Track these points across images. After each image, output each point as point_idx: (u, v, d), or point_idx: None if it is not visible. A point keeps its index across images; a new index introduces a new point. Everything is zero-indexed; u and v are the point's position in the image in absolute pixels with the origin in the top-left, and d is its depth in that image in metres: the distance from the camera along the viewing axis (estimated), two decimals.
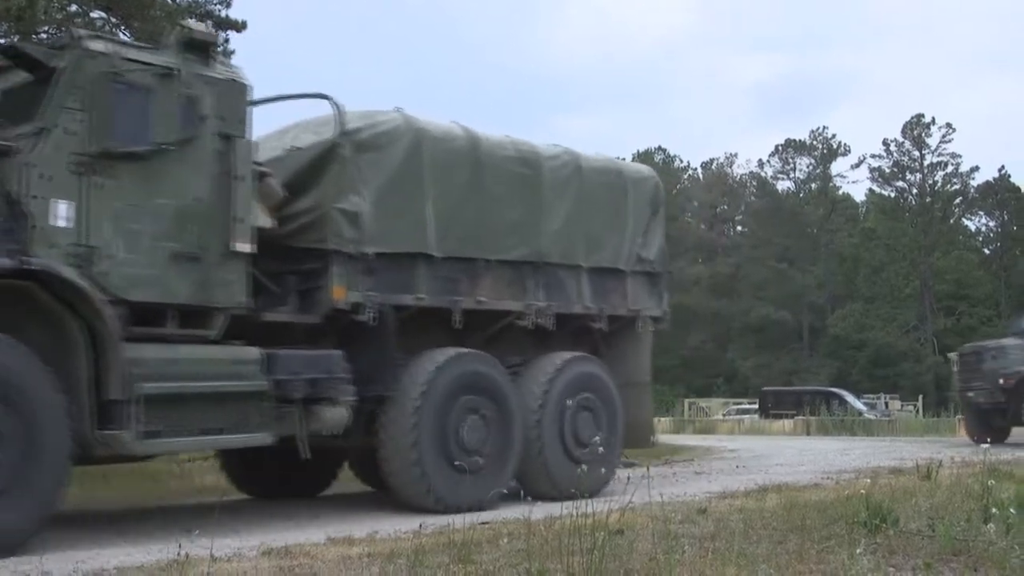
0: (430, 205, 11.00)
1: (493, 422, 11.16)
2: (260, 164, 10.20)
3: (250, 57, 45.79)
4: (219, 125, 9.48)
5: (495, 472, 11.08)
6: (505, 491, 10.87)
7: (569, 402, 11.74)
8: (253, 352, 9.53)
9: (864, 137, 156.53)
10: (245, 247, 9.54)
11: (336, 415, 10.02)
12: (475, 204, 11.49)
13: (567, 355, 12.17)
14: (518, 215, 11.92)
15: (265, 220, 9.99)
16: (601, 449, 11.31)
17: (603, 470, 11.52)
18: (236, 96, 9.81)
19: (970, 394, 24.55)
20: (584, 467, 10.99)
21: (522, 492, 10.00)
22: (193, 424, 9.00)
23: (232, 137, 9.57)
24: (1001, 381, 23.58)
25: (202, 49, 9.70)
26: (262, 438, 9.49)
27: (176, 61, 9.29)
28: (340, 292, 10.25)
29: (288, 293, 10.35)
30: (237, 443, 9.77)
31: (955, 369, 25.94)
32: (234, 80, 9.88)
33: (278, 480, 12.16)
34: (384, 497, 11.51)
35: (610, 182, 13.18)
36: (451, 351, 11.03)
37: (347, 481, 13.21)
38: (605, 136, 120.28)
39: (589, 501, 5.60)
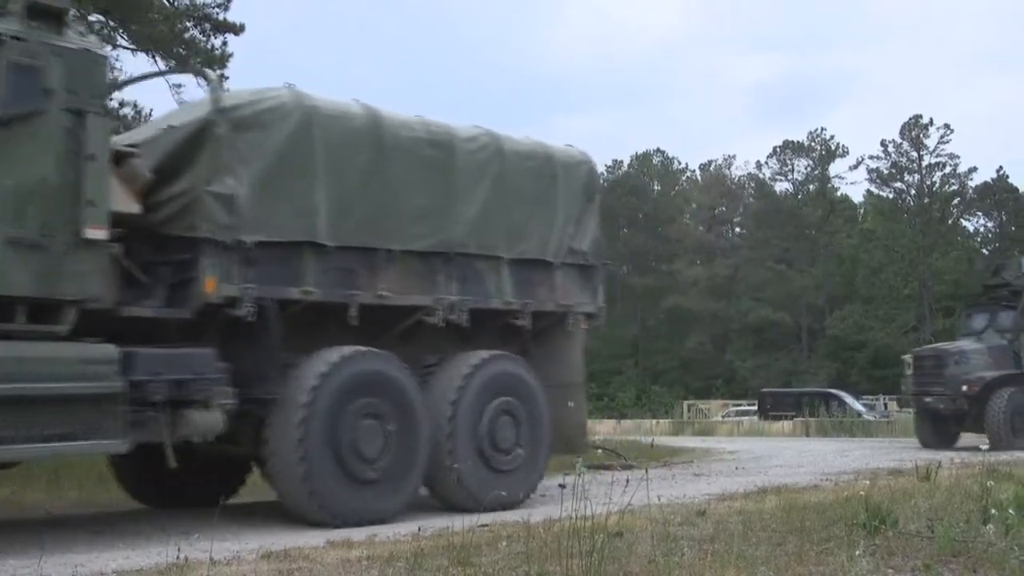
0: (322, 190, 10.08)
1: (395, 428, 10.15)
2: (133, 145, 9.66)
3: (249, 59, 45.80)
4: (69, 100, 8.57)
5: (398, 483, 10.20)
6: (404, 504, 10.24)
7: (487, 406, 10.99)
8: (108, 350, 8.61)
9: (862, 138, 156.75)
10: (98, 234, 8.65)
11: (208, 420, 9.10)
12: (376, 189, 10.53)
13: (485, 354, 11.23)
14: (427, 201, 10.94)
15: (130, 205, 9.21)
16: (523, 456, 11.12)
17: (527, 479, 11.26)
18: (91, 69, 8.89)
19: (928, 399, 23.89)
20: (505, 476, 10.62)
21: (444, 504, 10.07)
22: (35, 430, 8.15)
23: (84, 113, 8.64)
24: (965, 388, 23.02)
25: (52, 16, 8.77)
26: (117, 445, 8.65)
27: (17, 28, 8.43)
28: (212, 284, 9.28)
29: (159, 286, 9.43)
30: (87, 451, 9.05)
31: (908, 372, 25.11)
32: (88, 51, 8.98)
33: (175, 488, 11.02)
34: None
35: (537, 167, 12.18)
36: (346, 350, 10.02)
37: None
38: (604, 137, 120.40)
39: (590, 503, 5.58)
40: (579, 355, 13.06)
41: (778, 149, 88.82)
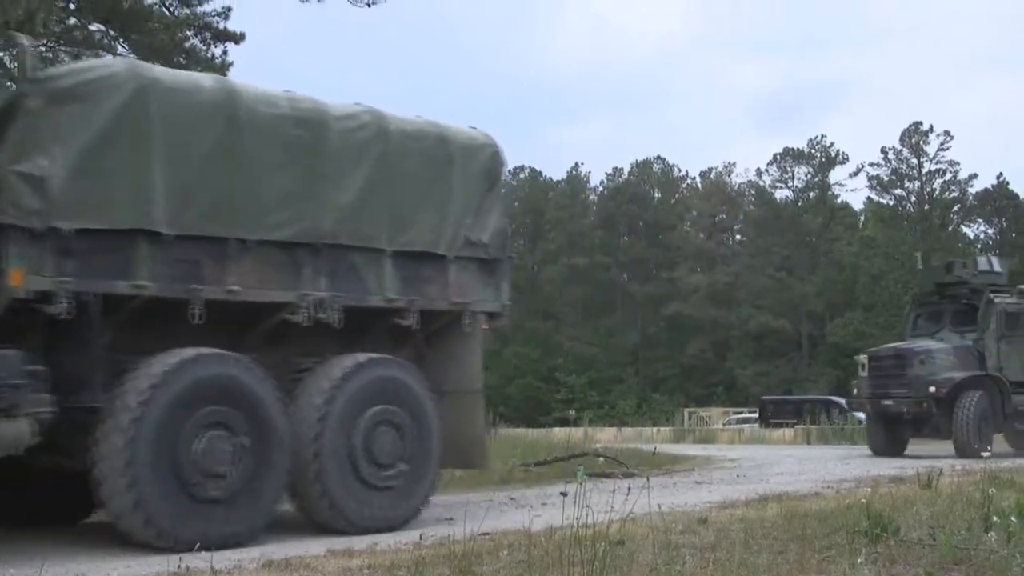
0: (159, 171, 8.91)
1: (248, 440, 8.95)
2: None
3: (249, 67, 45.92)
4: None
5: (251, 502, 8.98)
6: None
7: (363, 415, 9.82)
8: None
9: (862, 145, 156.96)
10: None
11: (12, 430, 8.05)
12: (228, 171, 9.32)
13: (361, 357, 10.05)
14: (290, 186, 9.76)
15: None
16: (407, 472, 10.10)
17: (412, 497, 10.20)
18: None
19: (887, 402, 22.74)
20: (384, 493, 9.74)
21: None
22: None
23: None
24: (932, 389, 21.95)
25: None
26: None
27: None
28: (18, 277, 8.18)
29: None
30: None
31: (862, 374, 23.87)
32: None
33: (19, 507, 10.06)
34: None
35: (428, 149, 10.86)
36: (188, 352, 8.82)
37: None
38: (604, 144, 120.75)
39: (591, 511, 5.58)
40: (478, 359, 11.71)
41: (778, 156, 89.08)
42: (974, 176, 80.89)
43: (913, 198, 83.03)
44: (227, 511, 8.74)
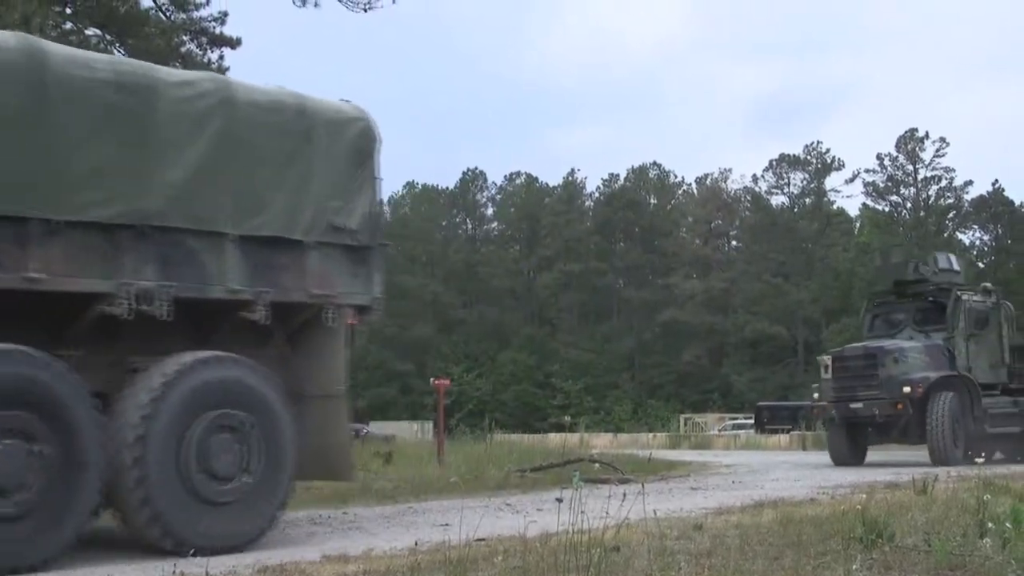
0: None
1: (49, 449, 7.81)
2: None
3: (246, 72, 45.88)
4: None
5: (52, 519, 7.80)
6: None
7: (196, 421, 8.59)
8: None
9: (858, 151, 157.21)
10: None
11: None
12: (31, 142, 8.21)
13: (202, 355, 8.86)
14: (109, 159, 8.58)
15: None
16: (251, 484, 8.82)
17: (259, 513, 8.93)
18: None
19: (856, 405, 21.58)
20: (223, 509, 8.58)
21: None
22: None
23: None
24: (907, 389, 20.89)
25: None
26: None
27: None
28: None
29: None
30: None
31: (825, 376, 22.57)
32: None
33: None
34: (379, 514, 11.48)
35: (284, 122, 9.62)
36: None
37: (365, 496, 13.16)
38: (600, 149, 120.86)
39: (586, 517, 5.57)
40: (342, 358, 10.34)
41: (774, 162, 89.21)
42: (970, 183, 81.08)
43: (909, 204, 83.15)
44: (18, 529, 7.62)
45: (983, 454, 21.61)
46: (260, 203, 9.35)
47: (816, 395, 23.34)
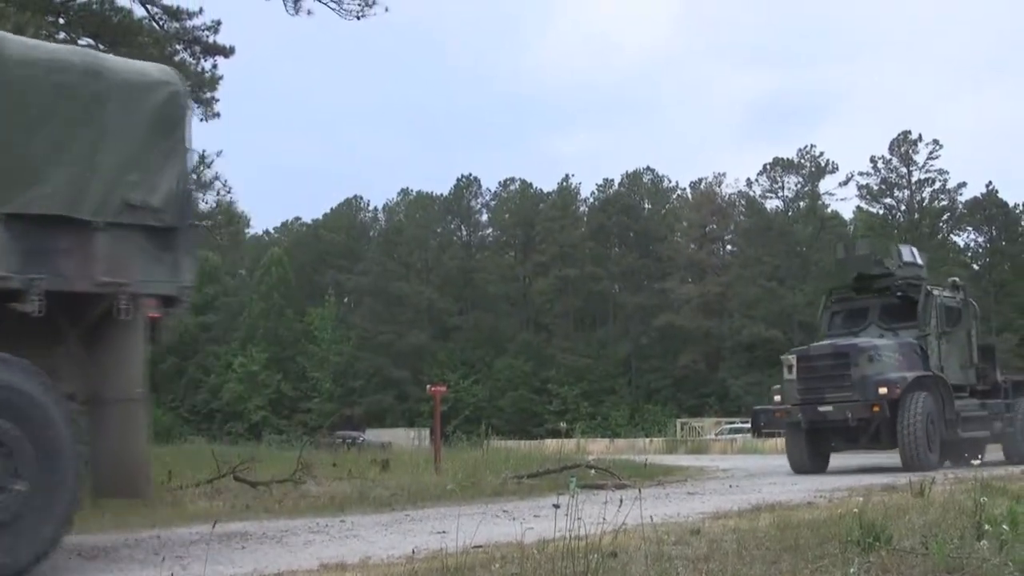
0: None
1: None
2: None
3: (239, 80, 45.94)
4: None
5: None
6: None
7: None
8: None
9: (852, 155, 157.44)
10: None
11: None
12: None
13: None
14: None
15: None
16: (18, 503, 7.25)
17: (30, 535, 7.36)
18: None
19: (824, 408, 20.01)
20: None
21: None
22: None
23: None
24: (884, 391, 19.39)
25: None
26: None
27: None
28: None
29: None
30: None
31: (789, 376, 20.89)
32: None
33: None
34: (377, 522, 11.47)
35: (68, 83, 8.21)
36: None
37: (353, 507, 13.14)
38: (595, 155, 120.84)
39: (583, 523, 5.57)
40: (139, 357, 8.81)
41: (768, 166, 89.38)
42: (963, 185, 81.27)
43: (903, 207, 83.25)
44: None
45: (974, 456, 21.21)
46: (34, 176, 7.94)
47: (777, 397, 21.58)
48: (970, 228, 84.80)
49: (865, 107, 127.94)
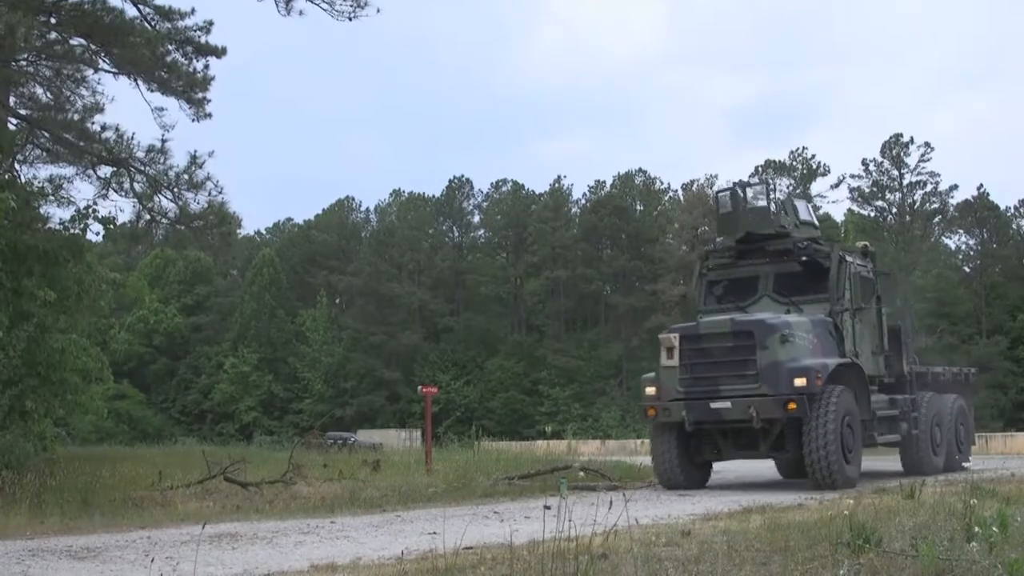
0: None
1: None
2: None
3: (231, 81, 45.90)
4: None
5: None
6: None
7: None
8: None
9: (843, 157, 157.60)
10: None
11: None
12: None
13: None
14: None
15: None
16: None
17: None
18: None
19: (720, 404, 15.63)
20: None
21: None
22: None
23: None
24: (801, 382, 15.08)
25: None
26: None
27: None
28: None
29: None
30: None
31: (669, 362, 16.18)
32: None
33: None
34: (367, 523, 11.46)
35: None
36: None
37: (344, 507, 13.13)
38: (586, 157, 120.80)
39: (573, 524, 5.57)
40: None
41: (760, 168, 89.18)
42: (955, 187, 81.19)
43: (894, 209, 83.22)
44: None
45: (970, 459, 20.09)
46: None
47: (650, 389, 16.70)
48: (961, 231, 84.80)
49: (857, 110, 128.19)
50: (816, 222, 18.97)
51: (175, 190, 24.20)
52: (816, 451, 15.09)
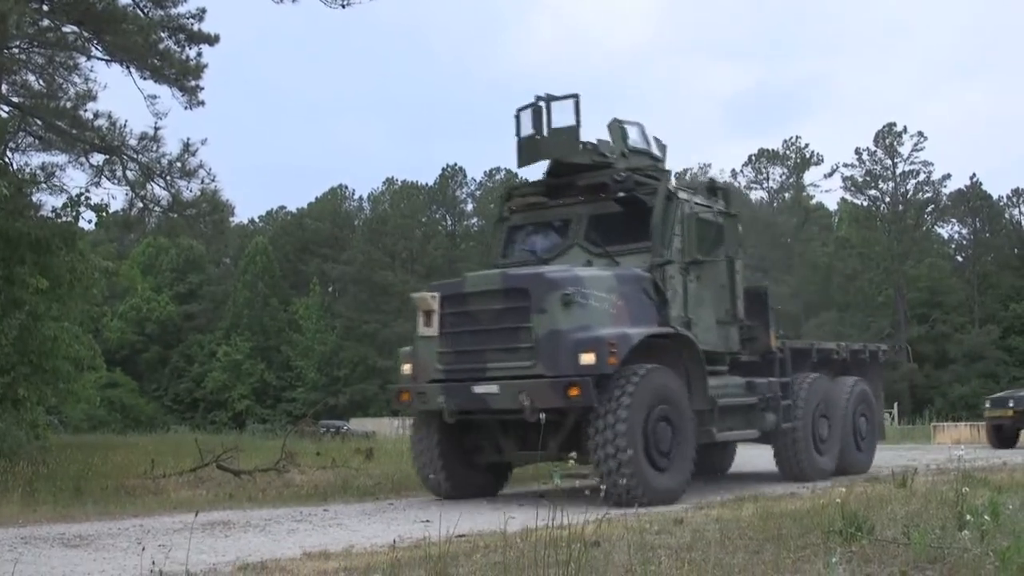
0: None
1: None
2: None
3: (224, 68, 45.85)
4: None
5: None
6: None
7: None
8: None
9: (836, 146, 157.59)
10: None
11: None
12: None
13: None
14: None
15: None
16: None
17: None
18: None
19: (484, 389, 11.61)
20: None
21: None
22: None
23: None
24: (589, 359, 11.09)
25: None
26: None
27: None
28: None
29: None
30: None
31: (427, 331, 12.34)
32: None
33: None
34: (360, 511, 11.47)
35: None
36: None
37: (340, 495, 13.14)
38: None
39: (566, 512, 5.58)
40: None
41: (753, 157, 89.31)
42: (948, 176, 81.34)
43: (887, 198, 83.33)
44: None
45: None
46: None
47: (406, 367, 13.04)
48: (954, 220, 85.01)
49: (851, 99, 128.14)
50: (656, 152, 14.16)
51: (168, 178, 24.15)
52: (605, 458, 11.10)
